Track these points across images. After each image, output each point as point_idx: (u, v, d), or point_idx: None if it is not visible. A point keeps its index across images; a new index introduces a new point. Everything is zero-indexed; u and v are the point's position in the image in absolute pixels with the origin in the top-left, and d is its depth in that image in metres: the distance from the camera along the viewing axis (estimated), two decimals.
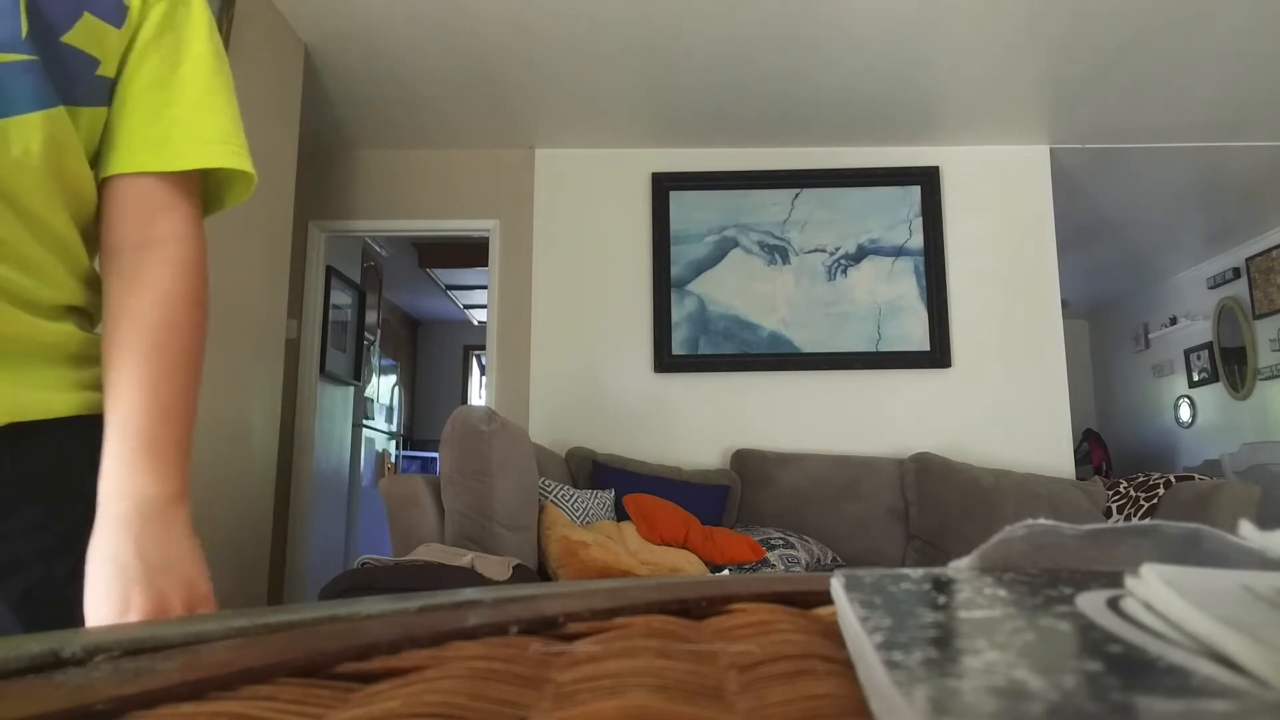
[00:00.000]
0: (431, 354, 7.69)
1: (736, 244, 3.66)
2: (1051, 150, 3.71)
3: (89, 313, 0.72)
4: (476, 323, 7.17)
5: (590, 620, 0.27)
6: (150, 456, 0.63)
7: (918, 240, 3.63)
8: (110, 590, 0.59)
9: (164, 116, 0.70)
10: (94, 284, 0.72)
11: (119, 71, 0.70)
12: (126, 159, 0.69)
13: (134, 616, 0.60)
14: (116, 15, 0.68)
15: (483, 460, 2.20)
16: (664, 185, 3.69)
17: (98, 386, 0.68)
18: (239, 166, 0.73)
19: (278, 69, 2.82)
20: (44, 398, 0.65)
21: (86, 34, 0.66)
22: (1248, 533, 0.24)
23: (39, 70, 0.63)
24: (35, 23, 0.63)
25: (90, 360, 0.70)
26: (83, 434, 0.67)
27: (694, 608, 0.29)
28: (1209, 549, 0.25)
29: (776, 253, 3.65)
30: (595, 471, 3.16)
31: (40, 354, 0.66)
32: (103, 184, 0.71)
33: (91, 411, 0.68)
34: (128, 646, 0.25)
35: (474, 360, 7.72)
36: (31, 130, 0.63)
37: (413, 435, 7.23)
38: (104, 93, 0.69)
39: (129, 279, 0.67)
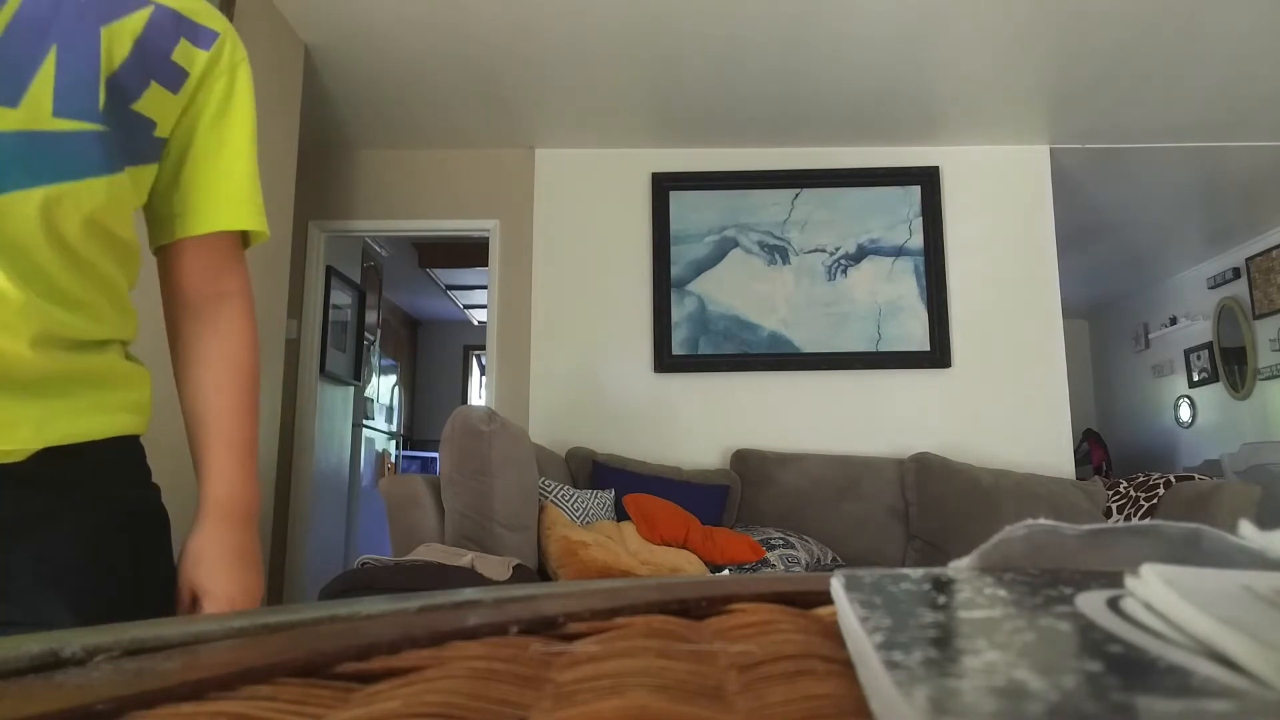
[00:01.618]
0: (431, 354, 7.69)
1: (736, 244, 3.66)
2: (1051, 150, 3.71)
3: (124, 341, 0.80)
4: (476, 323, 7.17)
5: (590, 620, 0.27)
6: (248, 470, 0.81)
7: (918, 240, 3.63)
8: (242, 576, 0.77)
9: (226, 183, 0.82)
10: (130, 314, 0.80)
11: (172, 131, 0.79)
12: (198, 222, 0.81)
13: (255, 597, 0.79)
14: (176, 82, 0.77)
15: (483, 460, 2.20)
16: (664, 185, 3.69)
17: (131, 409, 0.78)
18: (265, 230, 0.86)
19: (278, 69, 2.82)
20: (87, 422, 0.73)
21: (152, 101, 0.75)
22: (1248, 533, 0.24)
23: (109, 139, 0.71)
24: (112, 94, 0.71)
25: (127, 383, 0.78)
26: (117, 453, 0.76)
27: (694, 608, 0.29)
28: (1209, 549, 0.25)
29: (776, 253, 3.65)
30: (595, 471, 3.16)
31: (85, 381, 0.73)
32: (175, 243, 0.82)
33: (124, 433, 0.77)
34: (128, 646, 0.25)
35: (474, 360, 7.72)
36: (96, 193, 0.70)
37: (413, 435, 7.23)
38: (157, 151, 0.78)
39: (212, 326, 0.83)
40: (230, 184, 0.82)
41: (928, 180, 3.67)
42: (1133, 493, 3.08)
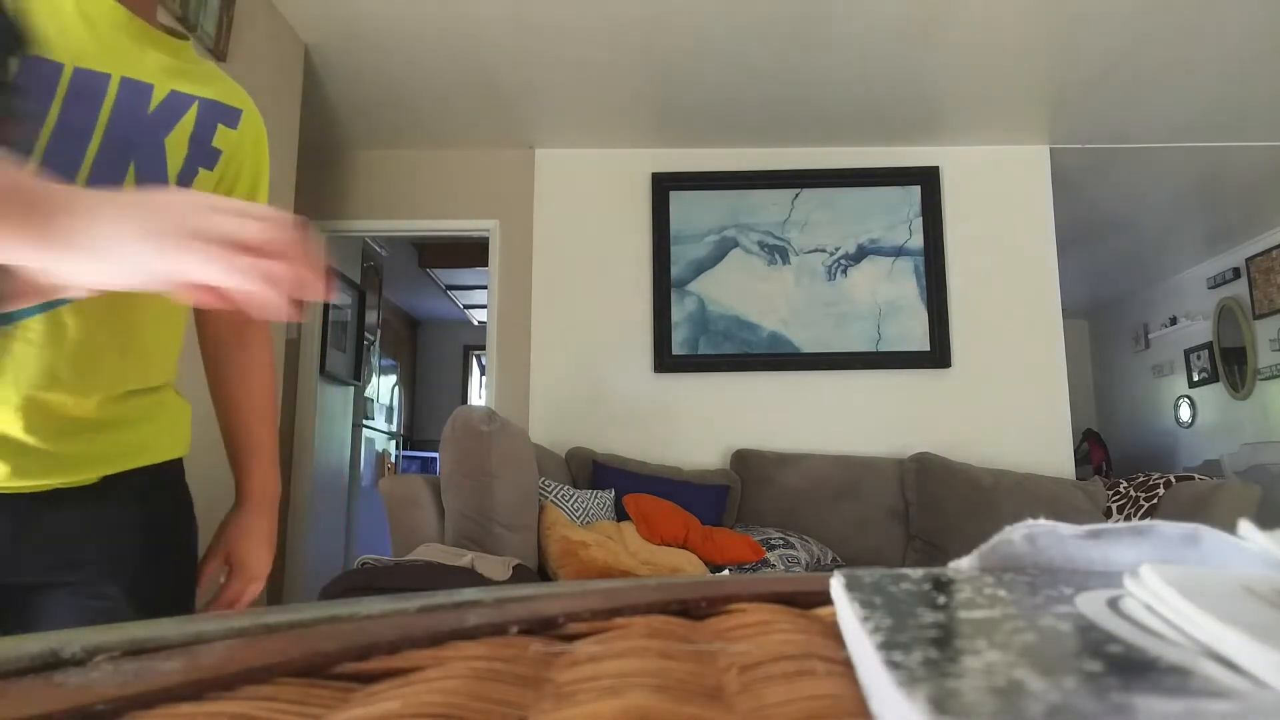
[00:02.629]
0: (431, 354, 7.69)
1: (736, 244, 3.66)
2: (1051, 150, 3.71)
3: (172, 381, 0.98)
4: (476, 323, 7.17)
5: (590, 620, 0.27)
6: (273, 466, 1.07)
7: (918, 240, 3.63)
8: (265, 557, 1.04)
9: None
10: (175, 362, 0.98)
11: None
12: None
13: (267, 572, 1.04)
14: (214, 161, 0.93)
15: (483, 460, 2.20)
16: (664, 185, 3.69)
17: (178, 437, 0.97)
18: None
19: (278, 69, 2.82)
20: (147, 451, 0.92)
21: (199, 184, 0.91)
22: (1248, 533, 0.24)
23: None
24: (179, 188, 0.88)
25: (175, 415, 0.97)
26: (166, 473, 0.95)
27: (694, 608, 0.29)
28: (1209, 549, 0.25)
29: (776, 253, 3.65)
30: (595, 471, 3.16)
31: (146, 417, 0.91)
32: None
33: (173, 457, 0.96)
34: (128, 647, 0.25)
35: (474, 360, 7.72)
36: None
37: (413, 435, 7.23)
38: None
39: (236, 356, 1.05)
40: None
41: (928, 180, 3.67)
42: (1133, 493, 3.08)
